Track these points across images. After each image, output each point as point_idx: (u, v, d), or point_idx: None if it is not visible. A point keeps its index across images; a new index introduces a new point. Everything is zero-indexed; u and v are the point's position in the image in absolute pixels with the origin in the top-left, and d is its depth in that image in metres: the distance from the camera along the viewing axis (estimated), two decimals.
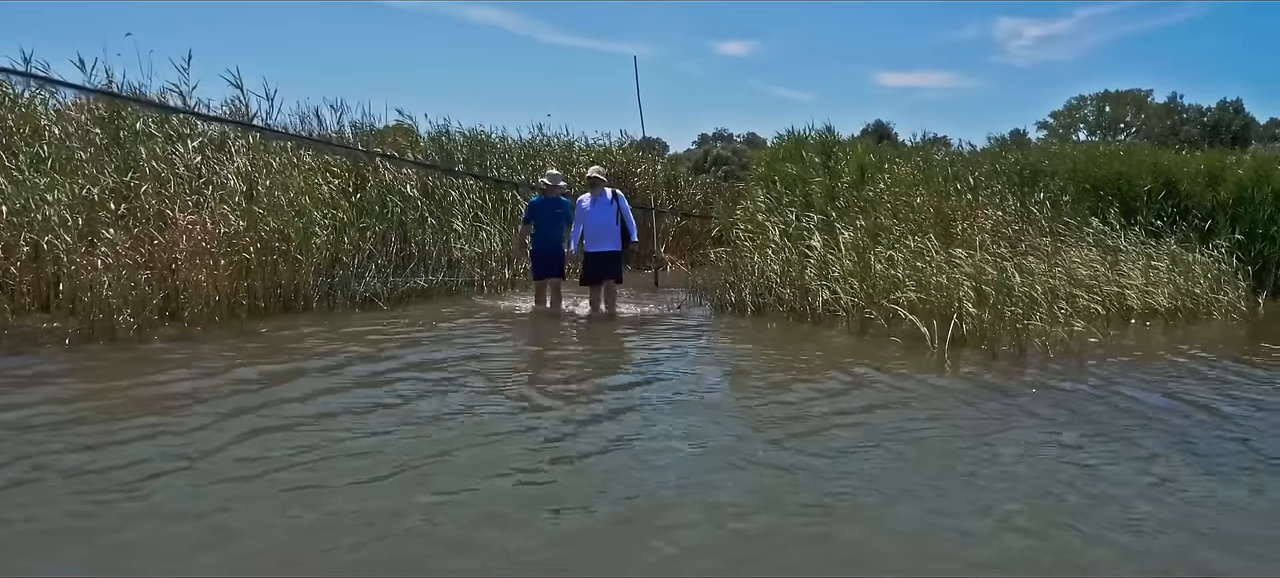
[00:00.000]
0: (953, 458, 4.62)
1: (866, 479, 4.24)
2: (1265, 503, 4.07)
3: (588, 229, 9.42)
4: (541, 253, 9.57)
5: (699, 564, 3.29)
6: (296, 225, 9.04)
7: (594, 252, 9.43)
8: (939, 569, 3.32)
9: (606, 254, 9.42)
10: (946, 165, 12.75)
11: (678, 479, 4.21)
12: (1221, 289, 10.44)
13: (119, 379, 5.73)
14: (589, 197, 9.48)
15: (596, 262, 9.45)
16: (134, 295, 7.23)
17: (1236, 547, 3.54)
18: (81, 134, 8.86)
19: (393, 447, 4.49)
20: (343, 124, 12.19)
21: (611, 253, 9.43)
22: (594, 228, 9.40)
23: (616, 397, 5.88)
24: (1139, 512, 3.86)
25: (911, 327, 7.94)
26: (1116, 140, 40.83)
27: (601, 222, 9.39)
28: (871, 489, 4.10)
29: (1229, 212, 12.15)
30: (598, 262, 9.45)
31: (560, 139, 15.50)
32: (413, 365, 6.52)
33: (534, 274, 9.73)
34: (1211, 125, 43.41)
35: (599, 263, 9.43)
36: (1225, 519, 3.80)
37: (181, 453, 4.26)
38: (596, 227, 9.40)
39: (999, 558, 3.38)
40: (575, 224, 9.52)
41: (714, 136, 44.39)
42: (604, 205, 9.41)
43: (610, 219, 9.39)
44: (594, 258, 9.46)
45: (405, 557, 3.27)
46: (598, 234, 9.39)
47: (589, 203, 9.43)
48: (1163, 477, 4.34)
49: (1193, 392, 6.26)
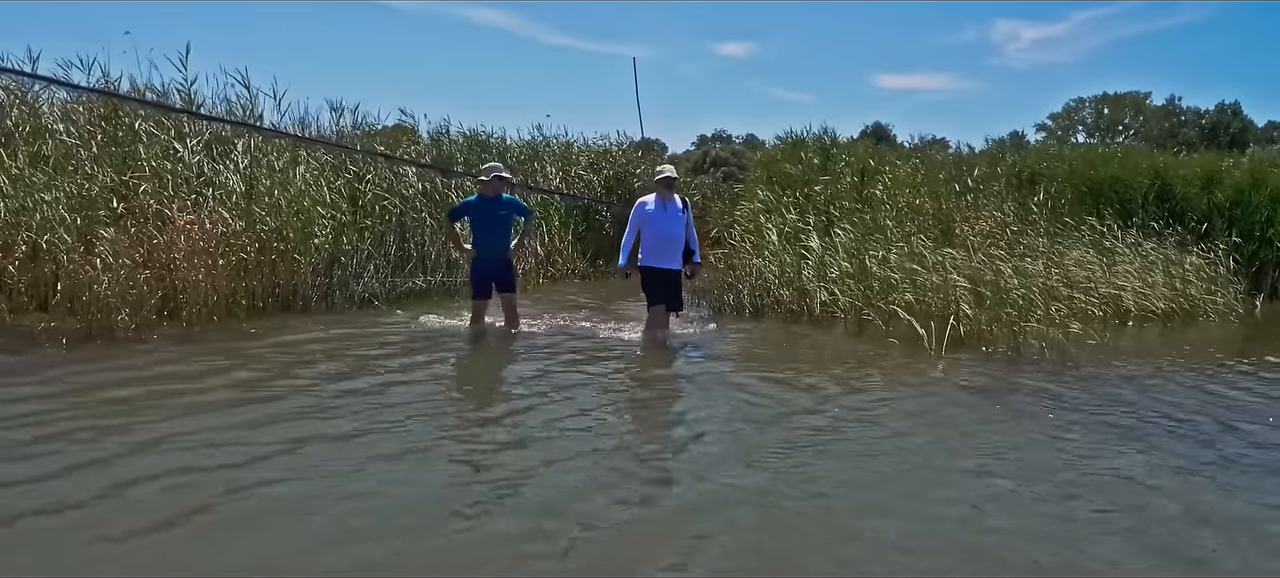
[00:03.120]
0: (941, 458, 4.64)
1: (850, 478, 4.26)
2: (1241, 505, 4.08)
3: (650, 238, 7.78)
4: (479, 265, 8.02)
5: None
6: (295, 225, 9.04)
7: (658, 267, 7.80)
8: (930, 566, 3.33)
9: (671, 273, 7.85)
10: (949, 166, 12.79)
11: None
12: (1218, 292, 10.46)
13: (104, 379, 5.73)
14: (656, 200, 7.80)
15: (663, 280, 7.84)
16: (132, 295, 7.23)
17: (1229, 546, 3.55)
18: (82, 134, 8.86)
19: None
20: (342, 123, 12.19)
21: (676, 273, 7.90)
22: (659, 238, 7.75)
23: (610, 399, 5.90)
24: (1126, 510, 3.88)
25: (909, 328, 7.96)
26: (1115, 142, 40.89)
27: (670, 233, 7.76)
28: (858, 487, 4.12)
29: (1226, 214, 12.20)
30: (664, 280, 7.84)
31: (559, 140, 15.53)
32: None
33: (473, 290, 8.14)
34: (1210, 128, 43.52)
35: (666, 281, 7.84)
36: (1213, 518, 3.82)
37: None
38: (662, 238, 7.76)
39: (989, 557, 3.39)
40: (630, 228, 7.85)
41: (713, 138, 44.33)
42: (675, 215, 7.78)
43: (679, 231, 7.80)
44: (658, 275, 7.83)
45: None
46: (664, 246, 7.77)
47: (657, 207, 7.77)
48: (1150, 478, 4.36)
49: (1184, 394, 6.28)
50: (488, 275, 8.03)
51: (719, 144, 39.45)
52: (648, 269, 7.83)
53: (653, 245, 7.77)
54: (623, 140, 16.34)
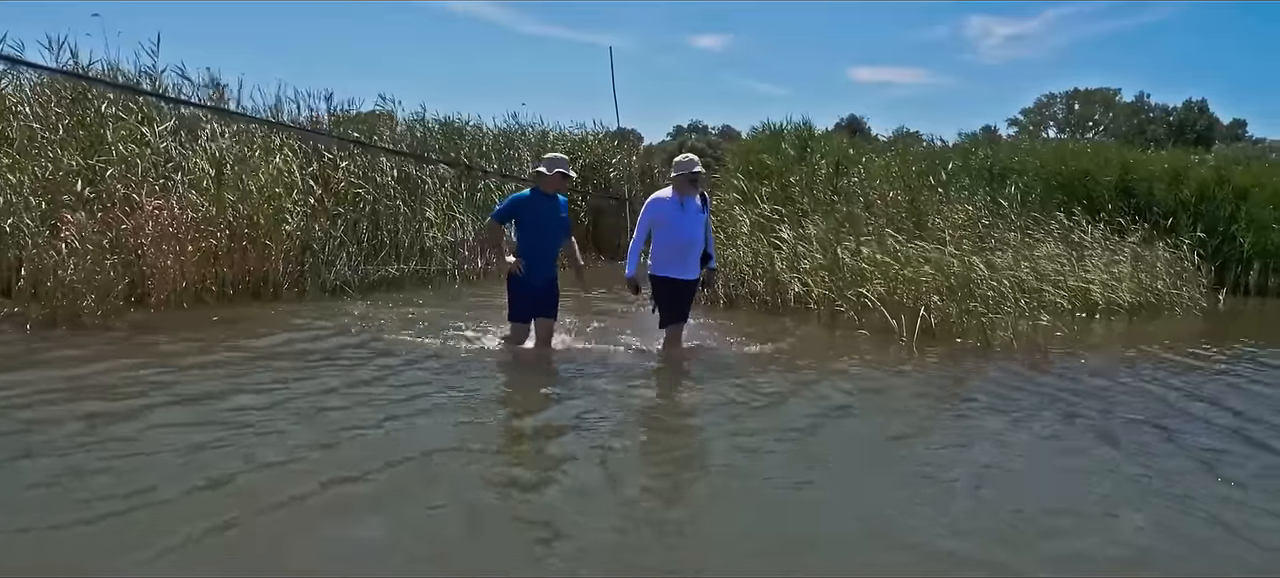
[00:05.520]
0: (903, 446, 4.70)
1: (820, 465, 4.30)
2: (1206, 491, 4.16)
3: (666, 242, 6.37)
4: (529, 282, 6.32)
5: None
6: (266, 211, 8.94)
7: (675, 279, 6.43)
8: (888, 562, 3.37)
9: (688, 285, 6.54)
10: (921, 159, 12.92)
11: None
12: (1183, 286, 10.65)
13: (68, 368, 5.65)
14: (674, 196, 6.37)
15: (682, 293, 6.51)
16: (98, 281, 7.12)
17: (1196, 539, 3.62)
18: (47, 117, 8.70)
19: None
20: (316, 109, 12.08)
21: (692, 284, 6.60)
22: (678, 243, 6.35)
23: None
24: (1086, 500, 3.94)
25: (881, 319, 8.03)
26: (1085, 138, 41.41)
27: (690, 237, 6.39)
28: (824, 476, 4.15)
29: (1192, 210, 12.42)
30: (684, 294, 6.53)
31: (535, 128, 15.47)
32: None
33: (513, 312, 6.42)
34: (1177, 125, 44.23)
35: (685, 295, 6.57)
36: (1182, 506, 3.89)
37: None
38: (682, 243, 6.36)
39: (952, 548, 3.43)
40: (640, 229, 6.45)
41: (689, 129, 44.48)
42: (695, 215, 6.38)
43: (699, 234, 6.46)
44: (675, 288, 6.46)
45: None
46: (683, 253, 6.38)
47: (675, 205, 6.36)
48: (1112, 465, 4.42)
49: (1147, 384, 6.38)
50: (532, 297, 6.36)
51: (695, 135, 39.50)
52: (663, 280, 6.41)
53: (669, 251, 6.35)
54: (599, 130, 16.34)
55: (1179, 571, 3.29)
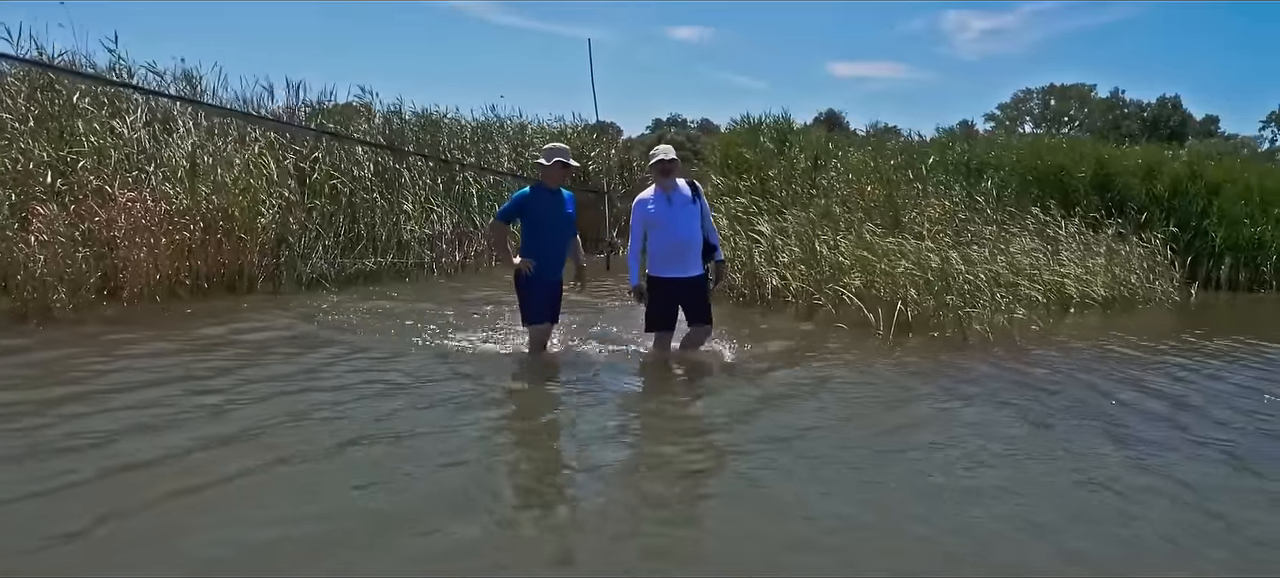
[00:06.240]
0: (883, 440, 4.73)
1: (798, 457, 4.32)
2: (1175, 485, 4.21)
3: (658, 242, 6.06)
4: (537, 282, 6.02)
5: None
6: (241, 204, 8.85)
7: (672, 278, 6.08)
8: (884, 564, 3.39)
9: (691, 283, 6.14)
10: (899, 153, 12.98)
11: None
12: (1156, 280, 10.77)
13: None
14: (657, 192, 6.08)
15: (678, 294, 6.13)
16: (70, 274, 7.03)
17: (1165, 530, 3.66)
18: (16, 107, 8.57)
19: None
20: (291, 99, 11.97)
21: (698, 281, 6.18)
22: (669, 242, 6.04)
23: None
24: (1058, 492, 3.99)
25: (858, 313, 8.07)
26: (1060, 133, 41.83)
27: (681, 233, 6.05)
28: (799, 469, 4.18)
29: (1165, 205, 12.56)
30: (680, 294, 6.14)
31: (513, 121, 15.38)
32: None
33: (529, 316, 6.11)
34: (1151, 120, 44.81)
35: (682, 297, 6.15)
36: (1162, 500, 3.94)
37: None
38: (673, 241, 6.04)
39: (923, 543, 3.46)
40: (633, 234, 6.19)
41: (668, 122, 44.48)
42: (683, 208, 6.06)
43: (693, 228, 6.10)
44: (672, 287, 6.10)
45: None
46: (677, 251, 6.05)
47: (659, 202, 6.05)
48: (1082, 457, 4.47)
49: (1119, 377, 6.46)
50: (548, 295, 6.13)
51: (674, 128, 39.49)
52: (662, 282, 6.09)
53: (662, 251, 6.05)
54: (578, 122, 16.28)
55: (1179, 571, 3.31)
